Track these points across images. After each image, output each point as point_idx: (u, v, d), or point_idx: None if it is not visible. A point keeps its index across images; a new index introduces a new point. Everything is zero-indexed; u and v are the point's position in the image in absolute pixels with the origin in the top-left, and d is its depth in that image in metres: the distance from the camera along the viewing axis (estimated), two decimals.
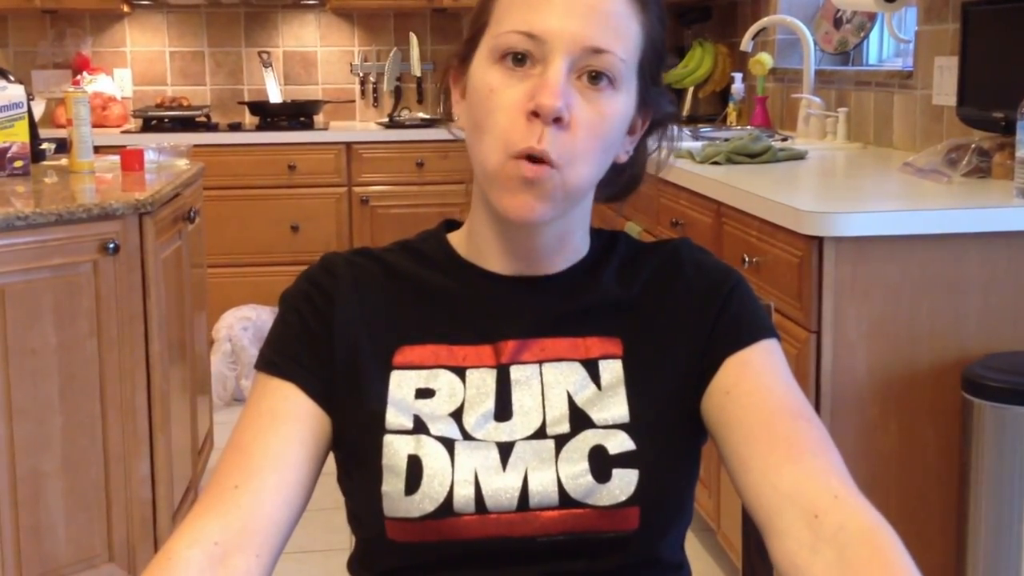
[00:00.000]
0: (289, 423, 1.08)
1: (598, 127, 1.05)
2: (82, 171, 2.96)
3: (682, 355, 1.11)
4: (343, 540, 1.20)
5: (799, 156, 3.08)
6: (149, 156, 3.13)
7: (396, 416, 1.08)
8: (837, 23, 3.88)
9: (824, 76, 3.78)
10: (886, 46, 3.84)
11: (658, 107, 1.13)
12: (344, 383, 1.11)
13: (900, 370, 2.11)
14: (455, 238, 1.18)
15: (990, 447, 1.98)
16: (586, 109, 1.04)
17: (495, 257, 1.14)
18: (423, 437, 1.06)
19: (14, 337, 2.31)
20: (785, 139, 3.53)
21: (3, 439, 2.30)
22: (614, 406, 1.09)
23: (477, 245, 1.15)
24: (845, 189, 2.78)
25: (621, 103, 1.06)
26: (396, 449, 1.06)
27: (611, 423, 1.08)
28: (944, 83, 2.99)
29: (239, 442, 1.08)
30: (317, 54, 5.17)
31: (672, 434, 1.10)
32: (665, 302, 1.14)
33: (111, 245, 2.44)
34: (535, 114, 1.02)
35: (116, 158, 3.10)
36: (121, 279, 2.48)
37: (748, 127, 3.92)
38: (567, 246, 1.14)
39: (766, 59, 4.04)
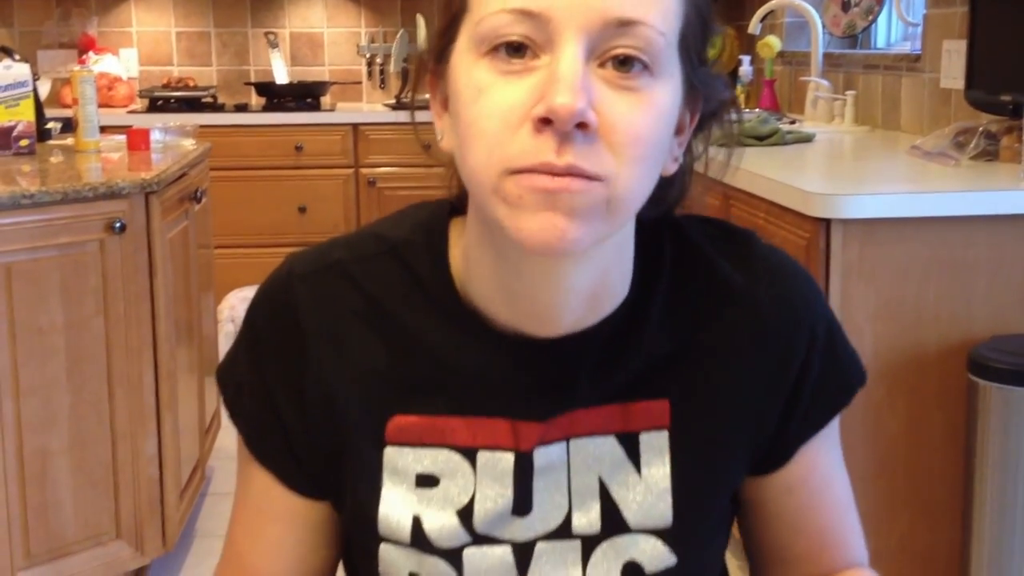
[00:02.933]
0: (279, 523, 0.94)
1: (641, 128, 0.76)
2: (88, 150, 2.96)
3: (744, 425, 0.91)
4: None
5: (807, 139, 3.08)
6: (155, 136, 3.13)
7: (391, 518, 0.89)
8: (845, 6, 3.86)
9: (832, 59, 3.77)
10: (894, 29, 3.82)
11: (710, 93, 0.85)
12: (327, 463, 0.91)
13: (907, 352, 2.11)
14: (455, 252, 0.90)
15: (996, 428, 1.99)
16: (620, 105, 0.75)
17: (501, 309, 0.87)
18: (424, 556, 0.89)
19: (21, 316, 2.31)
20: (793, 122, 3.52)
21: (10, 417, 2.30)
22: (655, 503, 0.90)
23: (477, 287, 0.88)
24: (853, 172, 2.77)
25: (664, 93, 0.78)
26: (393, 562, 0.90)
27: (650, 527, 0.90)
28: (952, 66, 2.98)
29: (234, 536, 0.97)
30: (324, 35, 5.16)
31: (719, 527, 0.95)
32: (729, 355, 0.90)
33: (117, 224, 2.44)
34: (546, 121, 0.73)
35: (122, 138, 3.09)
36: (127, 258, 2.48)
37: (756, 110, 3.91)
38: (603, 296, 0.87)
39: (774, 42, 4.02)
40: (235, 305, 4.21)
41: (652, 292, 0.89)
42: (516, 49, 0.75)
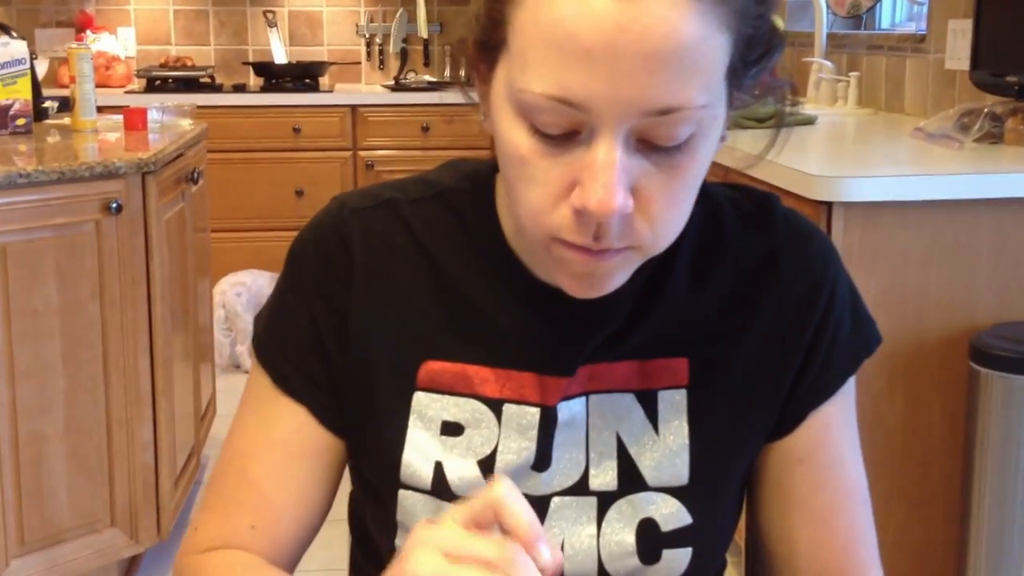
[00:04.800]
0: (305, 461, 0.93)
1: (679, 191, 0.77)
2: (85, 130, 2.93)
3: (762, 386, 0.92)
4: (341, 558, 1.06)
5: (809, 121, 3.05)
6: (152, 116, 3.11)
7: (414, 463, 0.90)
8: None
9: (836, 40, 3.74)
10: (899, 9, 3.79)
11: (758, 93, 0.84)
12: (355, 401, 0.93)
13: (908, 339, 2.09)
14: (500, 203, 0.92)
15: (997, 417, 1.97)
16: (660, 180, 0.76)
17: (539, 263, 0.90)
18: (443, 503, 0.89)
19: (16, 297, 2.29)
20: (795, 104, 3.49)
21: (5, 401, 2.29)
22: (671, 461, 0.90)
23: (517, 242, 0.91)
24: (855, 154, 2.75)
25: (709, 140, 0.77)
26: (411, 508, 0.91)
27: (666, 485, 0.90)
28: (957, 47, 2.96)
29: (247, 471, 0.94)
30: (323, 14, 5.13)
31: (733, 490, 0.95)
32: (749, 316, 0.92)
33: (114, 204, 2.42)
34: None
35: (119, 117, 3.07)
36: (124, 240, 2.46)
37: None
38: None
39: (777, 22, 3.98)
40: (226, 291, 4.18)
41: (677, 253, 0.90)
42: (560, 120, 0.74)
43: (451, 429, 0.90)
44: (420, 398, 0.90)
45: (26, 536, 2.34)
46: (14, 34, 2.97)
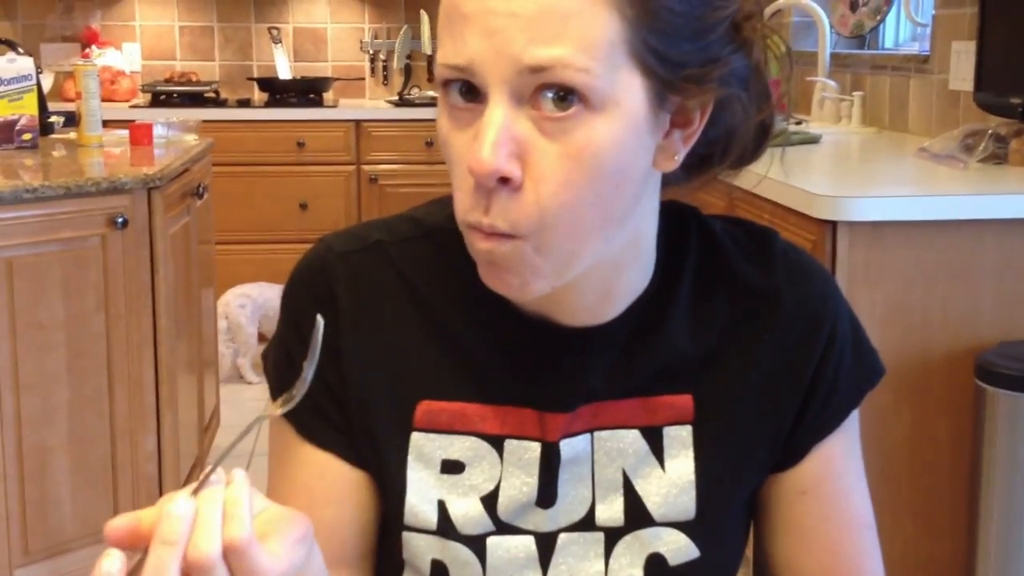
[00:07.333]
0: (331, 505, 0.91)
1: (574, 171, 0.74)
2: (91, 145, 2.94)
3: (766, 420, 0.92)
4: None
5: (813, 140, 3.06)
6: (158, 131, 3.12)
7: (417, 506, 0.89)
8: (853, 6, 3.84)
9: (839, 59, 3.75)
10: (903, 30, 3.80)
11: (702, 88, 0.78)
12: (360, 440, 0.91)
13: (913, 357, 2.09)
14: None
15: (1002, 434, 1.97)
16: (549, 154, 0.74)
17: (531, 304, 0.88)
18: (449, 543, 0.89)
19: (22, 310, 2.30)
20: (799, 123, 3.50)
21: (10, 413, 2.29)
22: (678, 496, 0.90)
23: None
24: (859, 174, 2.75)
25: (609, 123, 0.75)
26: (417, 549, 0.90)
27: (673, 520, 0.90)
28: (961, 68, 2.97)
29: None
30: (327, 30, 5.15)
31: (739, 520, 0.95)
32: (751, 351, 0.91)
33: (119, 219, 2.43)
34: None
35: (125, 132, 3.08)
36: (129, 254, 2.47)
37: None
38: (615, 293, 0.88)
39: (780, 44, 4.00)
40: (229, 302, 4.19)
41: (676, 288, 0.90)
42: (467, 92, 0.76)
43: (451, 467, 0.89)
44: (417, 438, 0.89)
45: (30, 546, 2.35)
46: (20, 50, 2.98)
